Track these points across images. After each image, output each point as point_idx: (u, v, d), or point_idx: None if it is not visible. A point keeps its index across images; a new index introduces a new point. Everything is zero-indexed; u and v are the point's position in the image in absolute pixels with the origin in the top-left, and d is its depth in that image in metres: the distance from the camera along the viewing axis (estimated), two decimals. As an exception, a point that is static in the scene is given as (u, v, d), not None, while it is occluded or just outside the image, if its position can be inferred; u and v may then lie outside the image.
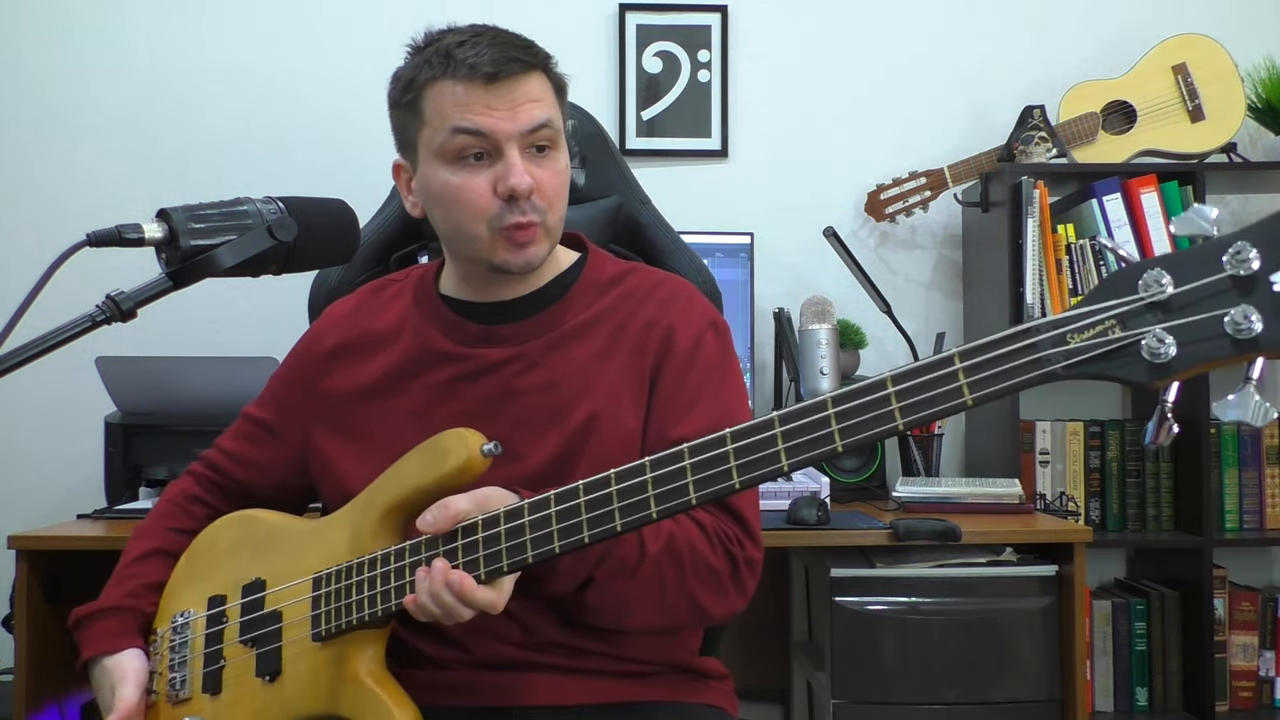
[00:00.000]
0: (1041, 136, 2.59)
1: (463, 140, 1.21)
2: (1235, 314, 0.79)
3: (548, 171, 1.24)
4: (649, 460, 1.00)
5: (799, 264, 2.77)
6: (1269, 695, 2.59)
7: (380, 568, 1.13)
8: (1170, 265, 0.82)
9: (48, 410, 2.66)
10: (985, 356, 0.88)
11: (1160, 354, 0.81)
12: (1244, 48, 2.70)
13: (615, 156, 1.85)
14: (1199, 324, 0.80)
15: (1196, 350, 0.81)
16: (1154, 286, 0.82)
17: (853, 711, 2.02)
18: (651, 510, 1.00)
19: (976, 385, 0.88)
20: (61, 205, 2.71)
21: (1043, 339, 0.86)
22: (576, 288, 1.32)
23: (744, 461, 0.96)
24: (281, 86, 2.76)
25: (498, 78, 1.20)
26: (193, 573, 1.32)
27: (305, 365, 1.38)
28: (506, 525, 1.06)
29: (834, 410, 0.93)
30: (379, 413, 1.30)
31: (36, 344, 0.94)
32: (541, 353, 1.28)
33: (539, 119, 1.22)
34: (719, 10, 2.80)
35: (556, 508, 1.04)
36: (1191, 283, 0.81)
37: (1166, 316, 0.82)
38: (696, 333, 1.30)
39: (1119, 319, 0.83)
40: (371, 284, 1.43)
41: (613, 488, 1.02)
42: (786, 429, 0.94)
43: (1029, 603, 2.03)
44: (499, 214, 1.22)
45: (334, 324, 1.39)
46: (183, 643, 1.27)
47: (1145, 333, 0.82)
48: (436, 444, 1.12)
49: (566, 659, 1.23)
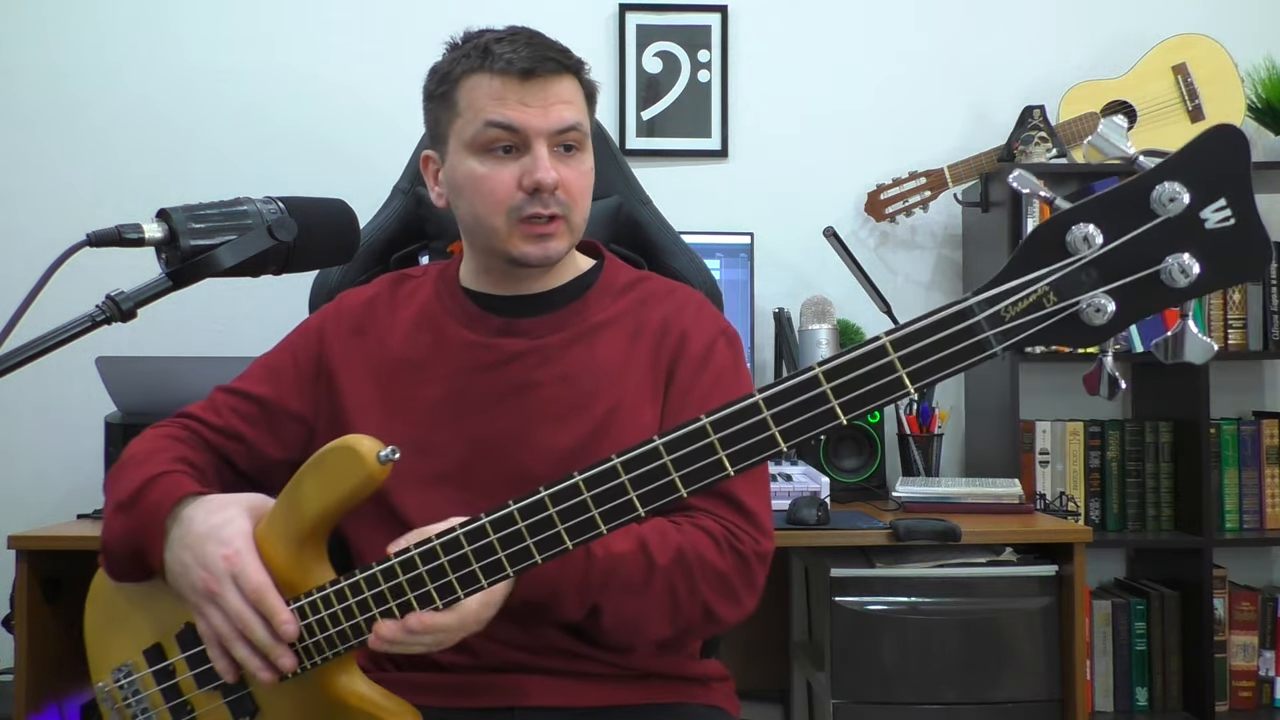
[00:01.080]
0: (1041, 136, 2.59)
1: (494, 133, 1.24)
2: (1171, 265, 0.77)
3: (574, 171, 1.27)
4: (581, 478, 0.97)
5: (799, 264, 2.77)
6: (1269, 695, 2.59)
7: (325, 609, 1.07)
8: (1097, 215, 0.78)
9: (48, 410, 2.66)
10: (921, 344, 0.84)
11: (1100, 317, 0.79)
12: (1244, 48, 2.70)
13: (616, 156, 1.85)
14: (1137, 282, 0.78)
15: (1136, 306, 0.79)
16: (1083, 245, 0.78)
17: (853, 711, 2.02)
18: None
19: (916, 374, 0.84)
20: (61, 205, 2.71)
21: (979, 320, 0.82)
22: (595, 289, 1.35)
23: (686, 471, 0.92)
24: (282, 86, 2.76)
25: (533, 74, 1.23)
26: (106, 622, 1.23)
27: (318, 349, 1.35)
28: (457, 551, 1.01)
29: (770, 413, 0.88)
30: (399, 399, 1.30)
31: (36, 344, 0.94)
32: (561, 347, 1.30)
33: (569, 120, 1.25)
34: (719, 10, 2.80)
35: (505, 530, 0.99)
36: (1123, 235, 0.78)
37: (1101, 278, 0.79)
38: (709, 340, 1.32)
39: (1053, 286, 0.80)
40: (389, 276, 1.43)
41: (550, 509, 0.97)
42: (723, 435, 0.90)
43: (1029, 603, 2.03)
44: (519, 205, 1.24)
45: (349, 311, 1.37)
46: (137, 698, 1.19)
47: (1082, 300, 0.79)
48: (328, 460, 1.05)
49: (568, 662, 1.24)
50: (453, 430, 1.28)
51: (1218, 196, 0.77)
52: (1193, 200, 0.77)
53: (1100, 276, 0.79)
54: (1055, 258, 0.80)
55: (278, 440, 1.32)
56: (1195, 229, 0.77)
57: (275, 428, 1.32)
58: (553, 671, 1.23)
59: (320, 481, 1.06)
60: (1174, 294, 0.78)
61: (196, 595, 1.09)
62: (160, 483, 1.17)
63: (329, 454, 1.05)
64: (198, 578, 1.08)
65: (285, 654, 1.07)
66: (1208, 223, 0.77)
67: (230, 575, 1.07)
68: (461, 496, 1.24)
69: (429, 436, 1.27)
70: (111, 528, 1.19)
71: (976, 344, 0.83)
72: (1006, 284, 0.81)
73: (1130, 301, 0.79)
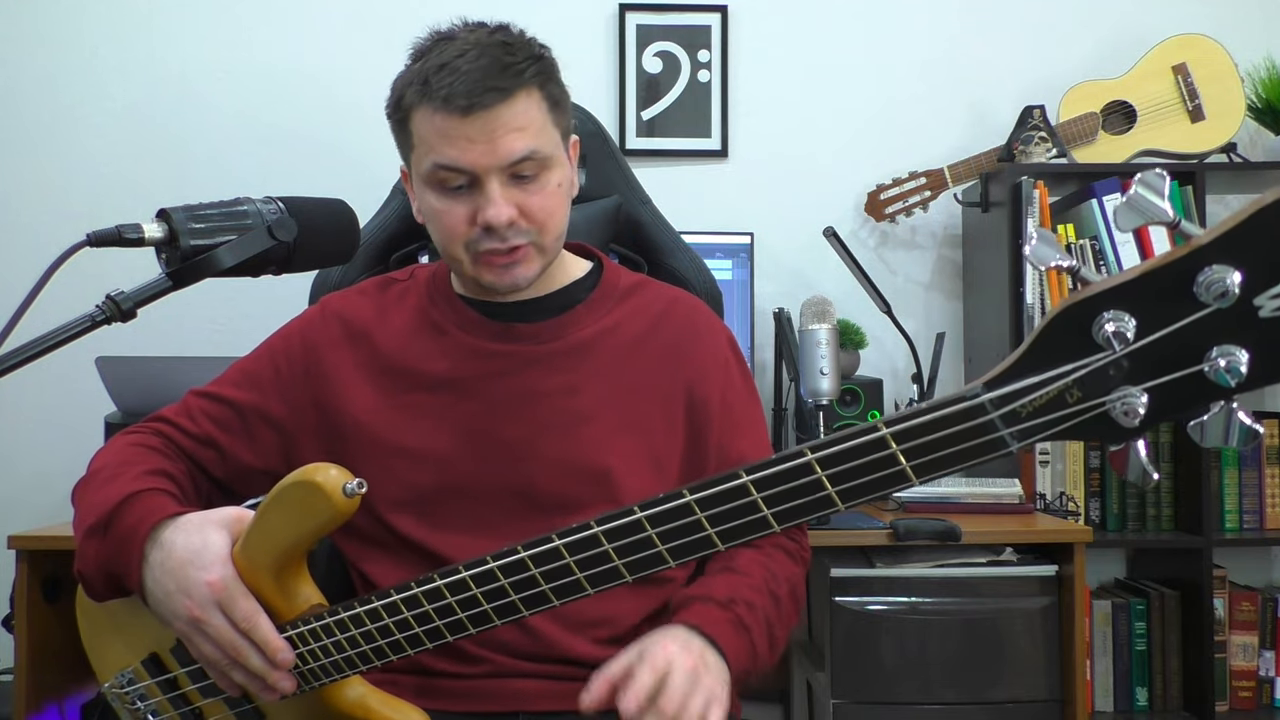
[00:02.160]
0: (1041, 136, 2.58)
1: (443, 174, 1.20)
2: (1218, 360, 0.65)
3: (535, 196, 1.21)
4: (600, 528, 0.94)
5: (799, 264, 2.77)
6: (1269, 695, 2.59)
7: (327, 636, 1.05)
8: (1131, 302, 0.67)
9: (48, 410, 2.66)
10: (927, 438, 0.76)
11: (1131, 418, 0.68)
12: (1244, 48, 2.70)
13: (616, 156, 1.85)
14: (1176, 382, 0.67)
15: (1175, 403, 0.68)
16: (1113, 340, 0.67)
17: (853, 711, 2.02)
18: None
19: (922, 469, 0.77)
20: (61, 205, 2.71)
21: (992, 419, 0.73)
22: (596, 293, 1.33)
23: (673, 545, 0.90)
24: (282, 85, 2.76)
25: (472, 109, 1.16)
26: (99, 631, 1.22)
27: (304, 354, 1.31)
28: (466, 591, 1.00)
29: (760, 495, 0.83)
30: (399, 405, 1.28)
31: (36, 344, 0.94)
32: (565, 355, 1.28)
33: (518, 152, 1.18)
34: (719, 10, 2.80)
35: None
36: (1160, 329, 0.66)
37: (1135, 373, 0.68)
38: (722, 357, 1.34)
39: (1078, 382, 0.70)
40: (373, 280, 1.39)
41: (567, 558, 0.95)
42: (710, 514, 0.86)
43: (1029, 603, 2.03)
44: (476, 240, 1.21)
45: (336, 315, 1.34)
46: (145, 702, 1.18)
47: (1112, 399, 0.69)
48: (290, 496, 1.01)
49: (571, 668, 1.23)
50: (455, 439, 1.26)
51: (1275, 280, 0.64)
52: (1245, 284, 0.64)
53: (1133, 371, 0.68)
54: (1080, 349, 0.69)
55: (254, 448, 1.29)
56: (1248, 318, 0.64)
57: (252, 435, 1.29)
58: (555, 677, 1.23)
59: (286, 517, 1.02)
60: (1219, 391, 0.66)
61: (181, 623, 1.06)
62: (135, 505, 1.11)
63: (290, 489, 1.01)
64: (181, 606, 1.04)
65: (284, 678, 1.06)
66: (1262, 310, 0.64)
67: (216, 603, 1.03)
68: (462, 507, 1.24)
69: (430, 445, 1.26)
70: (85, 554, 1.13)
71: (990, 442, 0.74)
72: (1023, 381, 0.71)
73: (1167, 399, 0.68)
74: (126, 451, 1.24)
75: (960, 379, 2.80)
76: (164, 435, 1.28)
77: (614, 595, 1.25)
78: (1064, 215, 2.61)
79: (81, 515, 1.16)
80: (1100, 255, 2.51)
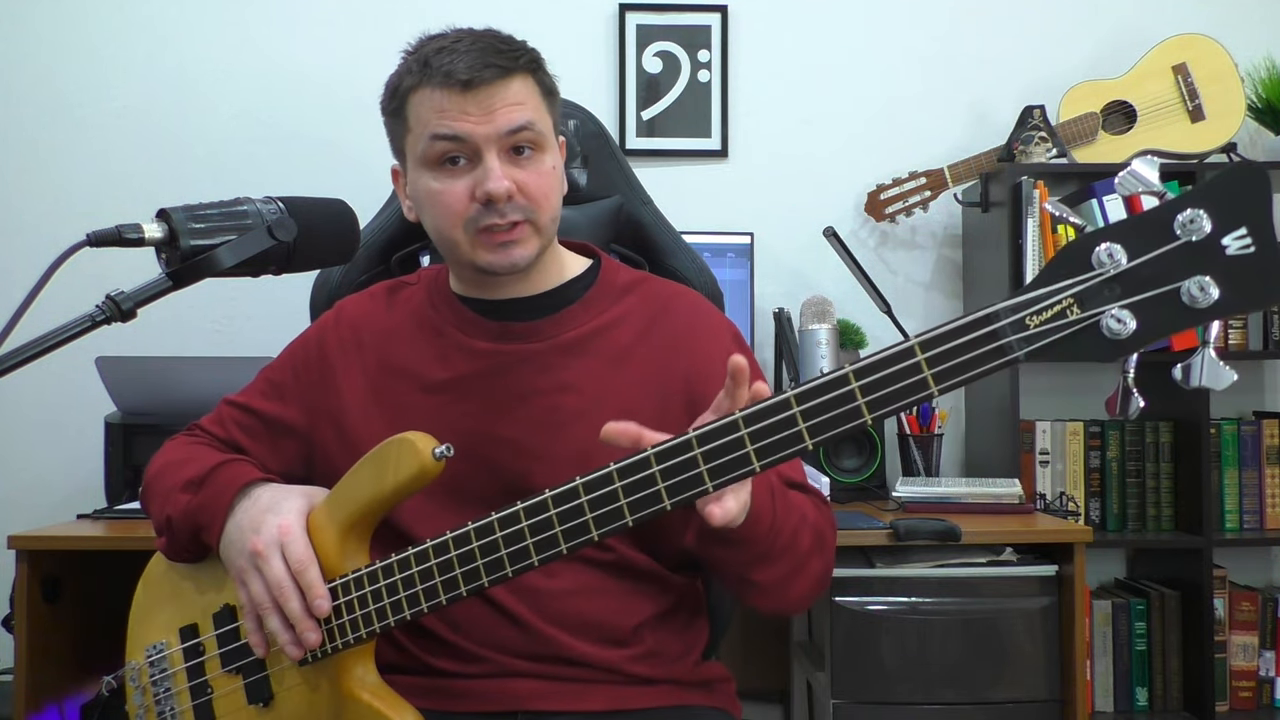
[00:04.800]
0: (1041, 136, 2.58)
1: (441, 146, 1.22)
2: (1190, 285, 0.79)
3: (531, 173, 1.24)
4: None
5: (799, 264, 2.77)
6: (1269, 695, 2.59)
7: (356, 590, 1.13)
8: (1122, 236, 0.82)
9: (48, 410, 2.66)
10: (947, 345, 0.87)
11: (1120, 331, 0.82)
12: (1244, 48, 2.70)
13: (617, 156, 1.85)
14: (1156, 299, 0.81)
15: (1155, 323, 0.81)
16: (1107, 261, 0.82)
17: (853, 711, 2.02)
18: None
19: (941, 375, 0.87)
20: (61, 205, 2.71)
21: (1003, 325, 0.85)
22: (594, 291, 1.33)
23: (714, 465, 0.96)
24: (282, 86, 2.76)
25: (472, 84, 1.20)
26: (152, 602, 1.30)
27: (319, 361, 1.35)
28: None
29: (799, 409, 0.92)
30: (399, 409, 1.29)
31: (36, 344, 0.94)
32: (562, 352, 1.28)
33: (517, 121, 1.22)
34: (719, 10, 2.80)
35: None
36: (1144, 254, 0.81)
37: (1123, 293, 0.82)
38: (724, 350, 1.31)
39: (1076, 297, 0.83)
40: (384, 284, 1.42)
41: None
42: (753, 430, 0.94)
43: (1029, 603, 2.03)
44: (475, 216, 1.23)
45: (348, 321, 1.37)
46: (163, 675, 1.26)
47: (1103, 312, 0.82)
48: (385, 452, 1.12)
49: (569, 668, 1.24)
50: (452, 439, 1.26)
51: (1239, 225, 0.79)
52: (1214, 227, 0.79)
53: (1122, 292, 0.82)
54: (1080, 271, 0.83)
55: (277, 455, 1.34)
56: (1216, 254, 0.79)
57: (274, 442, 1.35)
58: (554, 677, 1.23)
59: (375, 471, 1.13)
60: (1193, 314, 0.80)
61: (244, 559, 1.16)
62: (230, 467, 1.25)
63: (387, 446, 1.12)
64: (248, 541, 1.15)
65: (313, 629, 1.13)
66: (1228, 249, 0.79)
67: (279, 544, 1.14)
68: (458, 504, 1.24)
69: None
70: (176, 503, 1.24)
71: (999, 348, 0.85)
72: (1031, 293, 0.84)
73: (1150, 319, 0.81)
74: (189, 448, 1.35)
75: (960, 379, 2.80)
76: (203, 441, 1.37)
77: (614, 595, 1.26)
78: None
79: (172, 480, 1.28)
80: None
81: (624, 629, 1.25)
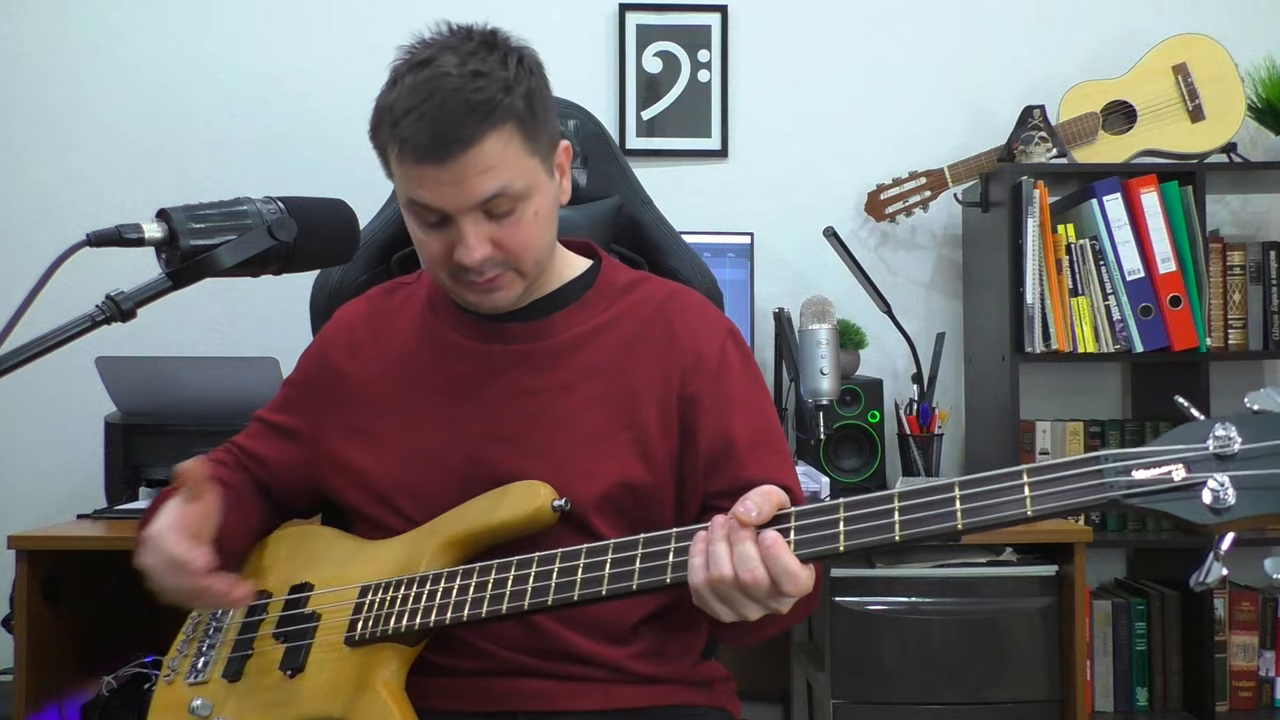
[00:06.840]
0: (1041, 136, 2.58)
1: (417, 210, 1.22)
2: None
3: (509, 230, 1.21)
4: None
5: (799, 264, 2.77)
6: (1269, 695, 2.58)
7: (429, 585, 1.17)
8: (1241, 424, 0.88)
9: (48, 410, 2.66)
10: (1053, 475, 0.92)
11: (1220, 500, 0.86)
12: (1244, 48, 2.70)
13: (617, 156, 1.85)
14: (1261, 476, 0.85)
15: (1256, 500, 0.86)
16: (1222, 441, 0.88)
17: (853, 711, 2.02)
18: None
19: (1040, 500, 0.92)
20: (61, 205, 2.71)
21: (1109, 467, 0.90)
22: (593, 291, 1.33)
23: (803, 537, 1.04)
24: (282, 86, 2.76)
25: (440, 156, 1.15)
26: (247, 572, 1.35)
27: (321, 369, 1.38)
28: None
29: (899, 504, 0.98)
30: (401, 411, 1.31)
31: (36, 344, 0.94)
32: (559, 353, 1.29)
33: (488, 191, 1.17)
34: (719, 10, 2.80)
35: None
36: (1259, 441, 0.86)
37: (1230, 466, 0.87)
38: (719, 346, 1.32)
39: (1184, 462, 0.88)
40: (382, 287, 1.44)
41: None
42: (850, 514, 1.01)
43: (1029, 603, 2.03)
44: (454, 270, 1.23)
45: (347, 326, 1.39)
46: (218, 629, 1.31)
47: (1207, 477, 0.87)
48: (510, 491, 1.20)
49: (572, 666, 1.24)
50: (452, 439, 1.28)
51: None
52: None
53: (1228, 466, 0.87)
54: (1195, 443, 0.89)
55: (291, 466, 1.38)
56: None
57: (289, 454, 1.38)
58: (557, 675, 1.23)
59: (492, 503, 1.20)
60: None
61: (179, 595, 1.20)
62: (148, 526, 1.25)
63: (516, 485, 1.21)
64: (168, 585, 1.19)
65: (226, 584, 1.18)
66: None
67: (167, 559, 1.17)
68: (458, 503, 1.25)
69: (429, 446, 1.28)
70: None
71: (1102, 486, 0.90)
72: (1145, 449, 0.90)
73: (1250, 492, 0.86)
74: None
75: (960, 379, 2.80)
76: (232, 454, 1.41)
77: None
78: (1064, 215, 2.61)
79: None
80: (1100, 255, 2.50)
81: (624, 625, 1.26)
